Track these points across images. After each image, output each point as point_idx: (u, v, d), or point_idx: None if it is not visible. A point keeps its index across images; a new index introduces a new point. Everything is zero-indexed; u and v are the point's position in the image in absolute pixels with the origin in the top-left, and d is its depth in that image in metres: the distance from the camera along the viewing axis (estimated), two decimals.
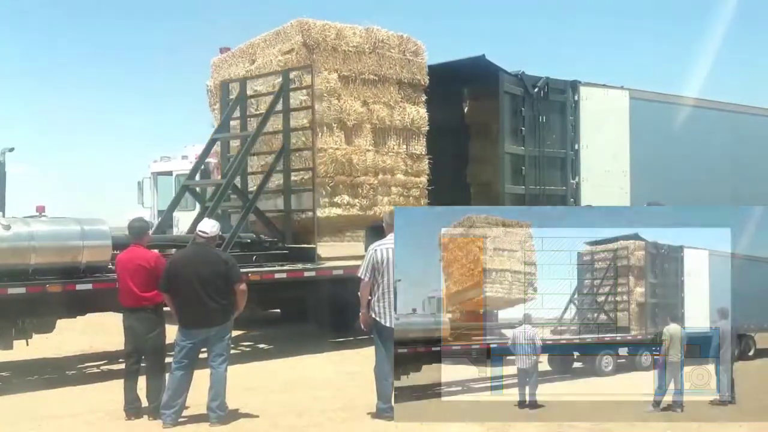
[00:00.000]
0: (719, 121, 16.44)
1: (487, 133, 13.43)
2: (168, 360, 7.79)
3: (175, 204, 13.40)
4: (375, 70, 12.96)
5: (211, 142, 13.13)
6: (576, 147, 14.35)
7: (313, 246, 11.82)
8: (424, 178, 13.53)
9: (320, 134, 12.28)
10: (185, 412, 7.52)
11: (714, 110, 16.43)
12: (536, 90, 13.88)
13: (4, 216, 10.90)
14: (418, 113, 13.42)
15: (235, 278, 7.52)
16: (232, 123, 13.11)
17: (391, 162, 13.15)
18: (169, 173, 17.73)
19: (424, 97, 13.58)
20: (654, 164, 15.01)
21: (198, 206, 13.04)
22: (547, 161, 14.09)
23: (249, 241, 12.43)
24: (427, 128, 13.52)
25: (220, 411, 7.39)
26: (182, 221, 14.96)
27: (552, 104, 14.26)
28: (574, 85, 14.45)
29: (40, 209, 10.13)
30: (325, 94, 12.37)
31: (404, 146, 13.34)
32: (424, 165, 13.56)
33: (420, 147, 13.51)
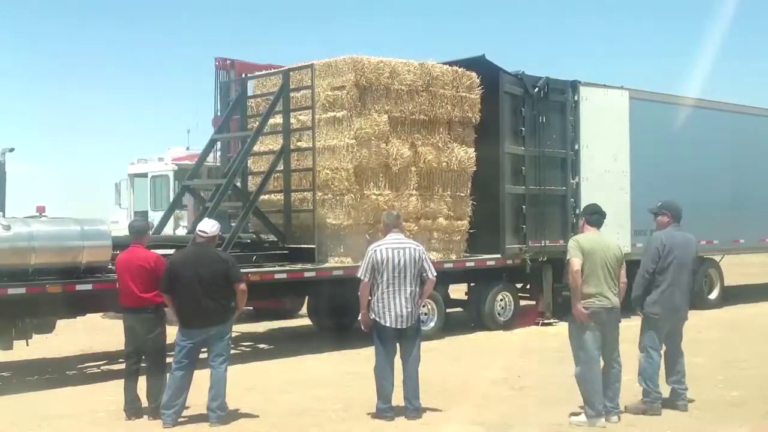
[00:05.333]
0: (719, 121, 16.42)
1: (487, 133, 13.38)
2: (168, 360, 7.80)
3: (174, 205, 13.42)
4: (426, 110, 12.50)
5: (211, 143, 13.13)
6: (576, 147, 14.32)
7: (313, 246, 11.80)
8: (466, 221, 13.14)
9: (364, 179, 11.96)
10: (185, 412, 7.53)
11: (714, 110, 16.41)
12: (536, 90, 13.85)
13: (4, 216, 10.88)
14: (466, 154, 13.00)
15: (235, 278, 7.53)
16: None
17: (434, 206, 12.70)
18: (145, 175, 17.47)
19: (474, 136, 13.27)
20: (654, 164, 14.99)
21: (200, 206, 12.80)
22: (547, 161, 14.05)
23: (249, 241, 12.44)
24: (474, 169, 13.16)
25: (220, 411, 7.39)
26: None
27: (552, 104, 14.22)
28: (574, 85, 14.42)
29: (40, 209, 10.12)
30: (372, 139, 11.94)
31: (449, 189, 12.91)
32: (467, 208, 13.19)
33: (465, 189, 13.13)
